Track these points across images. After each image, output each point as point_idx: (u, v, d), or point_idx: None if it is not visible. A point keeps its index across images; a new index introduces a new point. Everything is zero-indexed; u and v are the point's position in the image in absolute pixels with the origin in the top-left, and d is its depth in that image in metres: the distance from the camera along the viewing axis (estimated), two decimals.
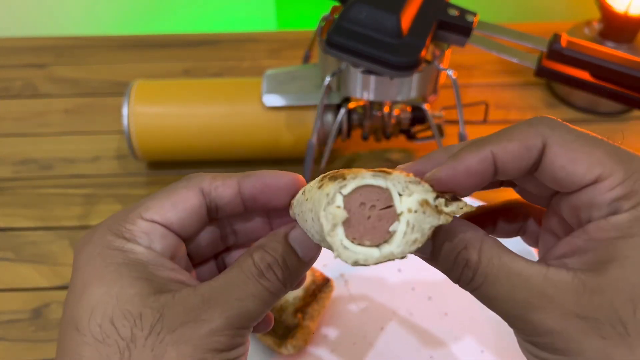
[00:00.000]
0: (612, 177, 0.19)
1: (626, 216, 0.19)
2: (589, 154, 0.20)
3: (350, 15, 0.40)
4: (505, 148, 0.20)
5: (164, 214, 0.22)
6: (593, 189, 0.20)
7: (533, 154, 0.20)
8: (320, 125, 0.49)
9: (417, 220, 0.20)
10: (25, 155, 0.57)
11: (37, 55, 0.68)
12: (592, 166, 0.19)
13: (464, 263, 0.20)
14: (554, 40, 0.42)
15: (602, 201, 0.19)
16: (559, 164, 0.20)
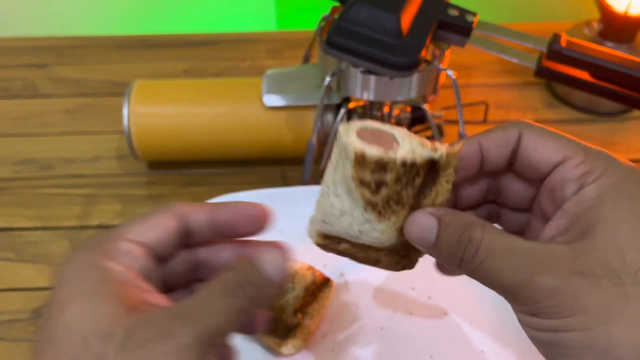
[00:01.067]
0: (575, 157, 0.23)
1: (593, 187, 0.23)
2: (555, 140, 0.24)
3: (350, 16, 0.40)
4: (488, 137, 0.25)
5: (144, 235, 0.24)
6: (561, 168, 0.24)
7: (511, 142, 0.25)
8: (320, 125, 0.49)
9: (417, 148, 0.24)
10: (25, 155, 0.57)
11: (37, 55, 0.68)
12: (558, 149, 0.24)
13: (467, 239, 0.23)
14: (553, 40, 0.42)
15: (571, 177, 0.23)
16: (532, 147, 0.24)
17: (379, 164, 0.23)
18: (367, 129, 0.24)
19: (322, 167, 0.50)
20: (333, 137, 0.48)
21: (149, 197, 0.53)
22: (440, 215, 0.24)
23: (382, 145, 0.24)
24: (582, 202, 0.22)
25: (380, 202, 0.24)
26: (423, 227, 0.24)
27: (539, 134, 0.24)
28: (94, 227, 0.50)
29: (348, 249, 0.27)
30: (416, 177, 0.24)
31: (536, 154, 0.24)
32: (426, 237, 0.24)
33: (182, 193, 0.53)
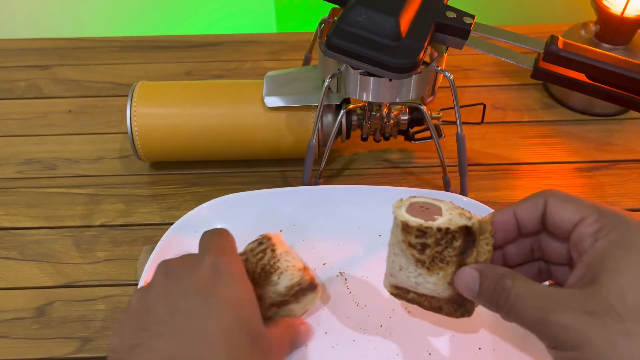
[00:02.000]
0: (590, 217, 0.28)
1: (604, 241, 0.27)
2: (574, 204, 0.30)
3: (350, 18, 0.41)
4: (520, 206, 0.31)
5: None
6: (580, 226, 0.29)
7: (539, 208, 0.31)
8: (320, 126, 0.49)
9: (454, 217, 0.31)
10: (29, 156, 0.57)
11: (40, 56, 0.69)
12: (576, 211, 0.29)
13: (501, 287, 0.29)
14: (550, 42, 0.42)
15: (587, 233, 0.28)
16: (555, 212, 0.30)
17: (420, 230, 0.31)
18: (418, 202, 0.32)
19: (322, 168, 0.50)
20: (333, 138, 0.49)
21: (151, 197, 0.53)
22: (481, 269, 0.30)
23: (426, 217, 0.31)
24: (594, 254, 0.27)
25: (427, 260, 0.31)
26: (468, 279, 0.30)
27: (560, 200, 0.30)
28: (97, 226, 0.51)
29: (415, 298, 0.34)
30: (454, 241, 0.30)
31: (559, 216, 0.30)
32: (471, 287, 0.30)
33: (184, 193, 0.54)
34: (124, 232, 0.50)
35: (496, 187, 0.54)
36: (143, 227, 0.51)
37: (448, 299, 0.33)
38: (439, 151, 0.49)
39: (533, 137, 0.59)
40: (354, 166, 0.56)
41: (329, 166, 0.56)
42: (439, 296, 0.33)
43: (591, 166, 0.56)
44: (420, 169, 0.56)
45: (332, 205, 0.47)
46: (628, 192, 0.53)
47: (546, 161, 0.56)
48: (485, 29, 0.45)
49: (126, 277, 0.47)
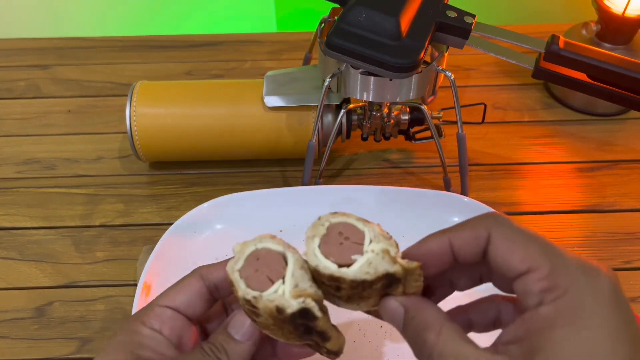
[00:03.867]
0: (540, 270, 0.23)
1: (550, 308, 0.22)
2: (523, 247, 0.24)
3: (350, 18, 0.41)
4: (458, 236, 0.25)
5: (173, 299, 0.29)
6: (526, 278, 0.23)
7: (480, 242, 0.25)
8: (320, 125, 0.49)
9: (375, 260, 0.25)
10: (28, 156, 0.57)
11: (40, 56, 0.68)
12: (524, 258, 0.23)
13: (423, 342, 0.24)
14: (551, 42, 0.42)
15: (532, 290, 0.23)
16: (499, 254, 0.24)
17: (331, 277, 0.25)
18: (338, 225, 0.26)
19: (322, 168, 0.50)
20: (333, 138, 0.49)
21: (151, 197, 0.53)
22: (407, 307, 0.26)
23: (342, 254, 0.25)
24: (536, 321, 0.22)
25: (344, 297, 0.26)
26: (392, 314, 0.26)
27: (507, 237, 0.24)
28: (97, 226, 0.51)
29: None
30: (373, 285, 0.25)
31: (502, 260, 0.24)
32: (396, 322, 0.26)
33: (183, 193, 0.54)
34: (124, 232, 0.50)
35: (497, 187, 0.54)
36: (143, 227, 0.51)
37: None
38: (440, 151, 0.49)
39: (534, 137, 0.58)
40: (354, 166, 0.56)
41: (329, 166, 0.56)
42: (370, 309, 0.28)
43: (592, 166, 0.56)
44: (420, 169, 0.55)
45: (332, 205, 0.47)
46: (629, 192, 0.53)
47: (547, 161, 0.56)
48: (486, 29, 0.45)
49: (126, 277, 0.47)
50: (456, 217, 0.46)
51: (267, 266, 0.26)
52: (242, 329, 0.28)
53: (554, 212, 0.52)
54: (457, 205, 0.46)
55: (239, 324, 0.28)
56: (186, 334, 0.29)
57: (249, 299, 0.25)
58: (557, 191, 0.53)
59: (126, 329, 0.28)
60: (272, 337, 0.28)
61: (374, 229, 0.26)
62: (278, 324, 0.26)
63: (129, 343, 0.27)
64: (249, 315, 0.27)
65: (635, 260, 0.48)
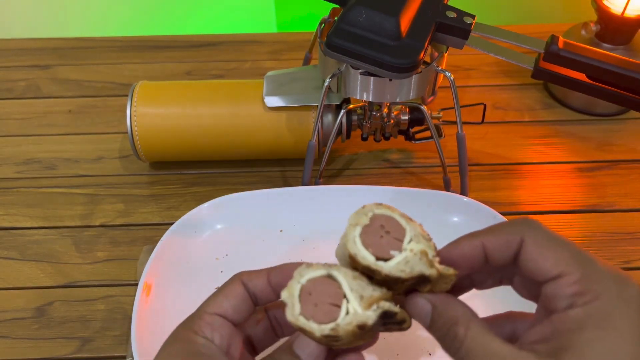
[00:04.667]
0: (571, 275, 0.24)
1: (580, 311, 0.23)
2: (555, 253, 0.25)
3: (350, 18, 0.41)
4: (492, 240, 0.26)
5: (220, 305, 0.29)
6: (556, 282, 0.24)
7: (513, 247, 0.26)
8: (320, 125, 0.49)
9: (412, 260, 0.25)
10: (29, 156, 0.57)
11: (40, 56, 0.68)
12: (556, 263, 0.24)
13: (454, 336, 0.25)
14: (550, 42, 0.42)
15: (563, 294, 0.24)
16: (531, 258, 0.25)
17: (367, 268, 0.26)
18: (381, 217, 0.27)
19: (322, 168, 0.50)
20: (333, 138, 0.49)
21: (151, 197, 0.53)
22: (435, 304, 0.26)
23: (381, 247, 0.26)
24: (566, 322, 0.23)
25: (374, 282, 0.26)
26: (420, 311, 0.27)
27: (540, 243, 0.25)
28: (97, 226, 0.51)
29: None
30: (406, 282, 0.26)
31: (534, 265, 0.25)
32: (423, 319, 0.27)
33: (184, 193, 0.54)
34: (124, 232, 0.50)
35: (497, 187, 0.54)
36: (143, 227, 0.51)
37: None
38: (440, 151, 0.49)
39: (534, 137, 0.58)
40: (354, 166, 0.56)
41: (329, 166, 0.56)
42: None
43: (592, 166, 0.56)
44: (420, 169, 0.55)
45: (332, 205, 0.47)
46: (629, 193, 0.53)
47: (547, 161, 0.56)
48: (486, 29, 0.45)
49: (126, 277, 0.47)
50: (456, 217, 0.46)
51: (323, 295, 0.26)
52: (309, 349, 0.27)
53: (553, 212, 0.52)
54: (457, 205, 0.46)
55: (305, 344, 0.27)
56: (234, 341, 0.29)
57: (328, 334, 0.25)
58: (557, 191, 0.54)
59: (180, 338, 0.28)
60: None
61: (416, 228, 0.27)
62: (360, 335, 0.26)
63: (186, 353, 0.27)
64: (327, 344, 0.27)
65: (635, 260, 0.48)
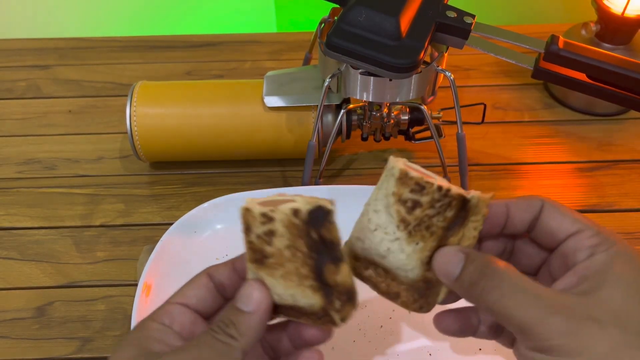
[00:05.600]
0: (588, 230, 0.27)
1: (604, 255, 0.27)
2: (572, 214, 0.28)
3: (350, 18, 0.41)
4: (515, 202, 0.30)
5: (182, 295, 0.30)
6: (576, 237, 0.28)
7: (534, 209, 0.29)
8: (320, 125, 0.49)
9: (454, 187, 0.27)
10: (29, 156, 0.57)
11: (40, 56, 0.69)
12: (574, 222, 0.28)
13: (492, 272, 0.26)
14: (551, 42, 0.42)
15: (583, 245, 0.27)
16: (552, 217, 0.29)
17: (418, 185, 0.27)
18: (414, 166, 0.28)
19: (322, 168, 0.50)
20: (333, 138, 0.49)
21: (151, 197, 0.53)
22: (467, 252, 0.27)
23: (424, 175, 0.27)
24: (592, 266, 0.26)
25: (413, 222, 0.27)
26: (451, 259, 0.27)
27: (558, 207, 0.29)
28: (97, 226, 0.51)
29: (372, 277, 0.30)
30: (448, 209, 0.27)
31: (555, 222, 0.28)
32: (452, 269, 0.27)
33: (184, 193, 0.54)
34: (124, 232, 0.50)
35: (497, 187, 0.54)
36: (143, 227, 0.51)
37: (411, 285, 0.29)
38: (440, 151, 0.49)
39: (534, 137, 0.58)
40: (354, 166, 0.56)
41: (329, 166, 0.56)
42: (404, 277, 0.29)
43: (592, 166, 0.56)
44: None
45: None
46: (629, 192, 0.53)
47: (547, 161, 0.56)
48: (486, 29, 0.45)
49: (126, 277, 0.47)
50: None
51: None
52: (250, 299, 0.28)
53: None
54: None
55: (245, 297, 0.28)
56: (198, 329, 0.29)
57: (266, 212, 0.26)
58: (557, 191, 0.54)
59: (138, 327, 0.29)
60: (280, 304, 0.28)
61: (444, 180, 0.28)
62: (292, 250, 0.27)
63: (139, 338, 0.28)
64: (256, 260, 0.27)
65: None
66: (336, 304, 0.28)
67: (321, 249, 0.27)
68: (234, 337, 0.27)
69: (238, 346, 0.27)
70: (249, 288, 0.28)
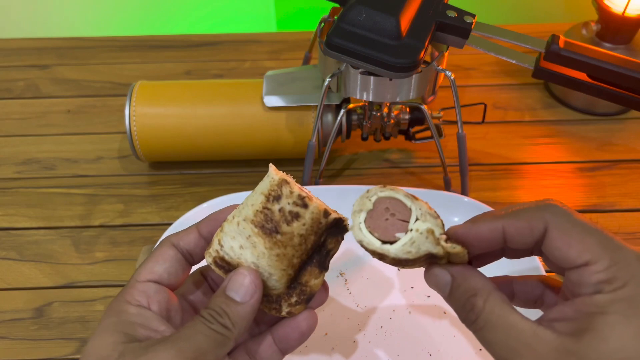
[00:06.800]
0: (598, 264, 0.23)
1: (606, 297, 0.23)
2: (581, 241, 0.24)
3: (350, 17, 0.41)
4: (513, 225, 0.25)
5: (152, 271, 0.28)
6: (582, 270, 0.24)
7: (535, 234, 0.25)
8: (320, 125, 0.49)
9: (419, 240, 0.25)
10: (28, 156, 0.57)
11: (39, 56, 0.68)
12: (582, 252, 0.24)
13: (471, 307, 0.25)
14: (551, 42, 0.42)
15: (588, 282, 0.24)
16: (556, 246, 0.24)
17: (375, 252, 0.26)
18: (385, 200, 0.27)
19: (322, 168, 0.50)
20: (333, 138, 0.49)
21: (150, 197, 0.53)
22: (454, 275, 0.26)
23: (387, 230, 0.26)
24: (592, 305, 0.23)
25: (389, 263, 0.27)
26: (439, 281, 0.27)
27: (564, 231, 0.24)
28: (96, 226, 0.51)
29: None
30: (416, 262, 0.26)
31: (559, 253, 0.24)
32: (442, 289, 0.27)
33: (183, 193, 0.53)
34: (123, 233, 0.50)
35: (497, 187, 0.54)
36: (142, 227, 0.51)
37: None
38: (440, 151, 0.49)
39: (534, 136, 0.58)
40: (354, 166, 0.56)
41: (329, 166, 0.56)
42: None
43: (592, 166, 0.55)
44: (420, 169, 0.55)
45: (332, 205, 0.46)
46: (629, 192, 0.53)
47: (547, 161, 0.56)
48: (486, 28, 0.44)
49: (125, 277, 0.47)
50: (456, 217, 0.45)
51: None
52: (242, 288, 0.27)
53: None
54: (457, 205, 0.46)
55: (237, 285, 0.27)
56: (173, 307, 0.29)
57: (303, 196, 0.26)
58: (557, 191, 0.53)
59: (113, 309, 0.27)
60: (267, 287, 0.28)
61: (422, 206, 0.26)
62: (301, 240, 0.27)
63: (119, 324, 0.27)
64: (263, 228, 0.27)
65: None
66: (293, 299, 0.29)
67: (318, 251, 0.28)
68: (228, 327, 0.26)
69: (232, 336, 0.27)
70: (240, 277, 0.27)
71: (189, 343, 0.25)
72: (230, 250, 0.28)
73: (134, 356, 0.25)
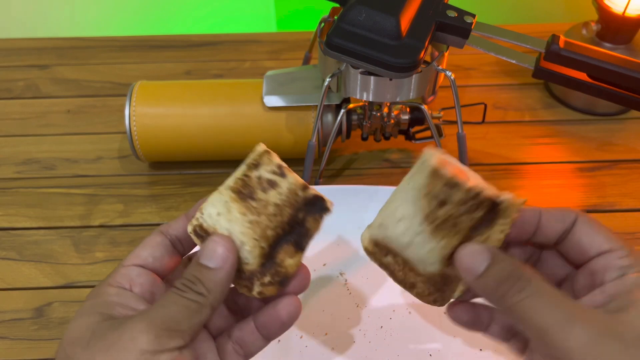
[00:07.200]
0: (621, 250, 0.27)
1: (634, 278, 0.26)
2: (606, 232, 0.28)
3: (350, 17, 0.41)
4: (549, 211, 0.29)
5: (137, 256, 0.29)
6: (607, 256, 0.27)
7: (567, 221, 0.28)
8: (320, 125, 0.49)
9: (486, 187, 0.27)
10: (27, 156, 0.57)
11: (39, 56, 0.68)
12: (607, 240, 0.27)
13: (518, 277, 0.25)
14: (551, 42, 0.42)
15: (615, 265, 0.26)
16: (584, 232, 0.28)
17: (450, 182, 0.26)
18: (450, 160, 0.28)
19: (322, 168, 0.50)
20: (333, 138, 0.49)
21: (150, 197, 0.53)
22: (494, 251, 0.27)
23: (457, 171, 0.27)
24: (622, 287, 0.26)
25: (439, 219, 0.27)
26: (476, 256, 0.26)
27: (592, 223, 0.28)
28: (96, 226, 0.51)
29: (391, 264, 0.29)
30: (477, 210, 0.27)
31: (587, 238, 0.28)
32: (476, 266, 0.26)
33: (183, 193, 0.53)
34: (123, 233, 0.50)
35: (497, 187, 0.53)
36: (142, 227, 0.51)
37: (428, 278, 0.29)
38: None
39: (534, 136, 0.58)
40: (354, 166, 0.56)
41: (329, 166, 0.56)
42: (422, 270, 0.29)
43: (592, 166, 0.55)
44: None
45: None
46: (629, 192, 0.53)
47: (547, 161, 0.56)
48: (486, 28, 0.45)
49: None
50: None
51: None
52: (215, 254, 0.27)
53: None
54: None
55: (210, 252, 0.27)
56: (158, 290, 0.29)
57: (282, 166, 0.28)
58: (557, 191, 0.53)
59: (93, 293, 0.28)
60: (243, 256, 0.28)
61: (478, 177, 0.28)
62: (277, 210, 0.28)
63: (97, 305, 0.27)
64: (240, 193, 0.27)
65: None
66: (266, 278, 0.28)
67: (296, 230, 0.28)
68: (202, 294, 0.26)
69: (207, 303, 0.26)
70: (212, 243, 0.27)
71: (161, 313, 0.25)
72: (209, 217, 0.28)
73: (105, 332, 0.25)
